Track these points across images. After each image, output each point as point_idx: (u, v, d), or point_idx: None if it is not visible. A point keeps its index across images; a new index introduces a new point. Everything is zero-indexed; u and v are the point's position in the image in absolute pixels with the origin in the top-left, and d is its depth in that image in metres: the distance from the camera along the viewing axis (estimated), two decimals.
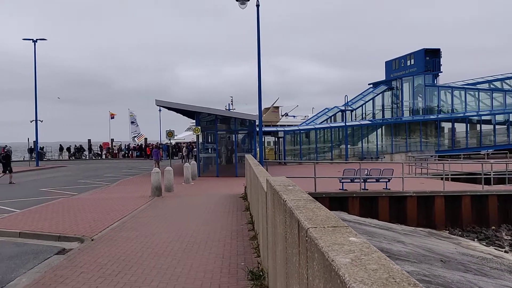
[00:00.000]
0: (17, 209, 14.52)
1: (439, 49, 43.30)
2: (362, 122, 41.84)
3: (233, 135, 29.21)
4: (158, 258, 7.55)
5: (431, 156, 33.85)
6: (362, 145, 40.84)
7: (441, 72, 43.30)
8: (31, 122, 43.82)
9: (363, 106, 43.54)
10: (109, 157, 59.44)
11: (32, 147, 48.69)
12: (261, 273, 6.01)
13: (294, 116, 62.05)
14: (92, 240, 9.22)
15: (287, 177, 5.26)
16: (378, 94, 43.86)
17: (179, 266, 7.00)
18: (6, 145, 33.01)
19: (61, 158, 57.73)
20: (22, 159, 56.96)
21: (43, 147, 58.70)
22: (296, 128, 40.91)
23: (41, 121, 44.20)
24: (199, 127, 27.66)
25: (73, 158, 57.50)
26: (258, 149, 27.59)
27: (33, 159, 46.19)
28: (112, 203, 14.89)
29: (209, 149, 31.09)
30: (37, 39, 40.28)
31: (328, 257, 1.87)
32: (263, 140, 31.10)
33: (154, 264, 7.14)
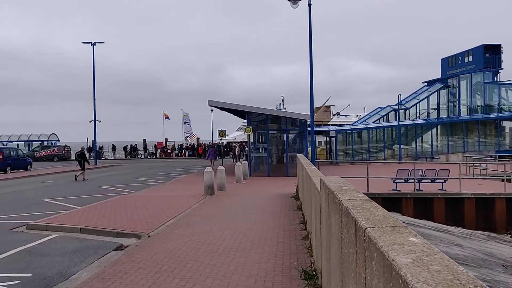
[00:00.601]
0: (77, 205, 15.15)
1: (499, 45, 41.51)
2: (416, 121, 40.75)
3: (284, 135, 29.21)
4: (212, 255, 7.68)
5: (491, 157, 32.49)
6: (416, 145, 39.79)
7: (502, 69, 41.52)
8: (89, 122, 45.62)
9: (417, 105, 42.40)
10: (163, 156, 60.94)
11: (91, 146, 50.65)
12: (314, 273, 5.99)
13: (345, 116, 61.29)
14: (149, 236, 9.50)
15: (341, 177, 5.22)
16: (433, 93, 42.59)
17: (233, 264, 7.10)
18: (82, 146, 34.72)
19: (114, 157, 59.68)
20: None
21: (101, 146, 60.97)
22: (348, 127, 40.37)
23: (99, 121, 45.92)
24: (250, 127, 27.85)
25: (129, 157, 59.37)
26: (309, 148, 27.46)
27: (92, 158, 48.04)
28: (166, 201, 15.27)
29: (260, 149, 31.24)
30: (95, 42, 41.85)
31: (388, 256, 1.85)
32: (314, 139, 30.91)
33: (208, 261, 7.28)
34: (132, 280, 6.38)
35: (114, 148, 61.08)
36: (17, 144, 54.92)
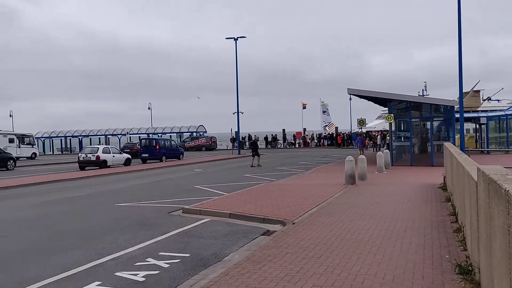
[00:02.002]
0: (225, 192, 16.12)
1: None
2: None
3: (428, 123, 27.68)
4: (358, 244, 7.65)
5: None
6: None
7: None
8: (233, 114, 48.03)
9: None
10: (302, 146, 61.80)
11: (234, 137, 53.30)
12: (470, 268, 5.65)
13: (498, 100, 55.94)
14: (293, 223, 9.77)
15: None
16: None
17: (379, 253, 7.00)
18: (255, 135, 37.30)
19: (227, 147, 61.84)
20: (226, 148, 62.81)
21: (244, 136, 63.86)
22: (502, 113, 36.85)
23: (242, 113, 48.13)
24: (392, 115, 26.92)
25: (269, 147, 61.29)
26: (457, 136, 25.68)
27: (235, 148, 50.59)
28: (308, 189, 15.51)
29: (402, 138, 30.05)
30: (237, 37, 43.83)
31: None
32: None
33: (354, 250, 7.27)
34: (281, 265, 6.64)
35: (250, 138, 63.47)
36: (170, 136, 60.02)
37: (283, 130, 67.02)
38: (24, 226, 10.96)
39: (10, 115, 66.30)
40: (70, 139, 68.20)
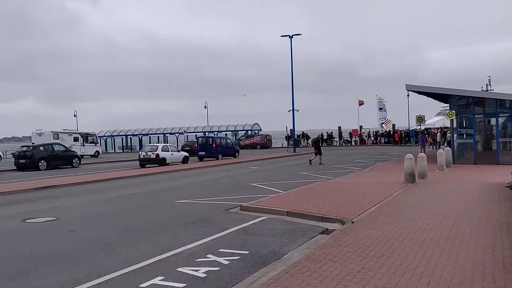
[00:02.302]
0: (281, 190, 16.14)
1: None
2: None
3: (493, 119, 26.45)
4: (420, 244, 7.44)
5: None
6: None
7: None
8: (288, 111, 47.91)
9: None
10: (358, 143, 60.82)
11: (289, 134, 53.21)
12: None
13: None
14: (353, 222, 9.62)
15: None
16: None
17: (444, 255, 6.77)
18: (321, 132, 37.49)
19: (306, 145, 61.55)
20: (281, 146, 62.83)
21: (299, 134, 63.65)
22: None
23: (297, 111, 47.92)
24: (453, 111, 25.96)
25: (325, 144, 60.74)
26: None
27: (290, 146, 50.51)
28: (366, 187, 15.24)
29: (464, 135, 28.90)
30: (293, 35, 43.70)
31: None
32: None
33: (416, 250, 7.07)
34: (341, 264, 6.56)
35: (304, 136, 63.11)
36: (226, 134, 60.79)
37: (339, 127, 66.23)
38: (91, 221, 11.44)
39: (75, 115, 69.46)
40: (130, 138, 70.55)
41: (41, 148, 32.19)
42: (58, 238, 9.52)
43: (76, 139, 46.84)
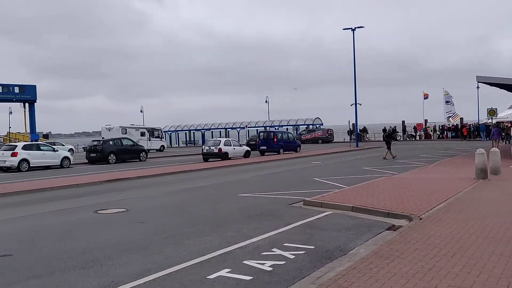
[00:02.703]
0: (345, 185, 15.91)
1: None
2: None
3: None
4: (496, 244, 7.08)
5: None
6: None
7: None
8: (351, 105, 47.12)
9: None
10: (423, 138, 58.86)
11: (352, 129, 52.34)
12: None
13: None
14: (420, 219, 9.32)
15: None
16: None
17: None
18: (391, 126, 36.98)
19: (368, 139, 60.24)
20: (343, 140, 61.99)
21: (362, 129, 62.50)
22: None
23: (360, 104, 47.03)
24: None
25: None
26: None
27: (353, 140, 49.69)
28: (433, 183, 14.72)
29: None
30: (355, 28, 42.87)
31: None
32: None
33: (492, 250, 6.74)
34: (410, 261, 6.38)
35: (364, 130, 61.75)
36: (287, 128, 60.72)
37: (403, 121, 64.35)
38: (159, 213, 11.81)
39: (141, 111, 71.83)
40: (193, 133, 72.12)
41: (111, 142, 33.58)
42: (129, 229, 9.90)
43: (142, 134, 48.47)
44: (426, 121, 61.74)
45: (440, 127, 60.52)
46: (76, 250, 8.12)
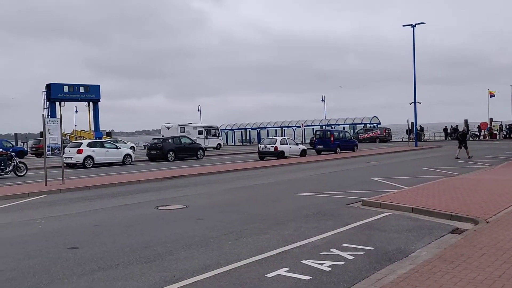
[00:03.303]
0: (404, 185, 15.49)
1: None
2: None
3: None
4: None
5: None
6: None
7: None
8: (410, 104, 45.85)
9: None
10: (487, 138, 56.38)
11: (410, 128, 50.91)
12: None
13: None
14: (487, 222, 8.92)
15: None
16: None
17: None
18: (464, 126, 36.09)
19: (428, 139, 58.26)
20: (401, 140, 60.43)
21: (422, 128, 60.63)
22: None
23: (419, 103, 45.69)
24: None
25: (449, 138, 57.18)
26: None
27: (412, 140, 48.33)
28: (500, 185, 14.05)
29: None
30: (415, 24, 41.67)
31: None
32: None
33: None
34: (477, 266, 6.11)
35: (421, 130, 59.75)
36: (343, 127, 59.93)
37: (465, 120, 61.85)
38: (217, 210, 11.98)
39: (198, 109, 73.35)
40: (249, 131, 72.67)
41: (170, 140, 34.43)
42: (188, 225, 10.10)
43: (200, 132, 49.37)
44: (491, 120, 59.05)
45: (507, 126, 57.66)
46: (139, 244, 8.38)
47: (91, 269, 6.88)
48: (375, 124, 63.70)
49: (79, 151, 28.69)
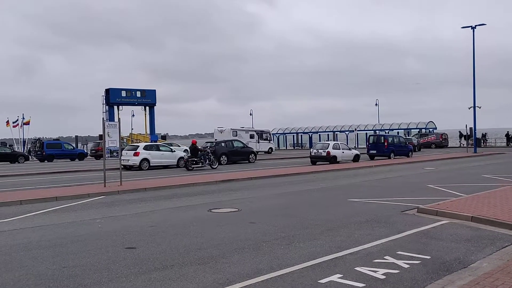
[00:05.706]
0: (462, 193, 14.95)
1: None
2: None
3: None
4: None
5: None
6: None
7: None
8: (469, 108, 44.22)
9: None
10: None
11: (469, 133, 49.09)
12: None
13: None
14: None
15: None
16: None
17: None
18: None
19: (460, 145, 55.97)
20: (459, 146, 58.33)
21: (484, 133, 58.29)
22: None
23: (479, 107, 43.98)
24: None
25: (511, 144, 54.67)
26: None
27: (470, 146, 46.57)
28: None
29: None
30: (475, 26, 40.19)
31: None
32: None
33: None
34: None
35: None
36: (398, 132, 58.58)
37: None
38: (269, 214, 12.01)
39: (250, 114, 73.86)
40: (301, 135, 72.46)
41: (223, 144, 34.89)
42: (240, 229, 10.19)
43: (252, 136, 49.71)
44: None
45: None
46: (192, 246, 8.54)
47: (148, 269, 7.09)
48: (431, 129, 61.87)
49: (136, 154, 29.59)
